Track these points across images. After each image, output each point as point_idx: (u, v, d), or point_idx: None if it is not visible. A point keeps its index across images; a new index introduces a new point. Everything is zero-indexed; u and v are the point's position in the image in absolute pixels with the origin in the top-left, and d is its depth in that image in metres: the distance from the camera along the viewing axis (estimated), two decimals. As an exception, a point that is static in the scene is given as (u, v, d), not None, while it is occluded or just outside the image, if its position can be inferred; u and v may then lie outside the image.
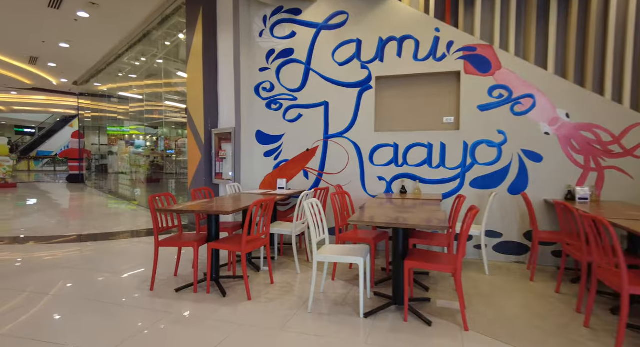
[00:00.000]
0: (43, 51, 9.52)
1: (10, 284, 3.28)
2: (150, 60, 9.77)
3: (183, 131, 11.70)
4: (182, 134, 11.54)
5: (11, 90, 15.49)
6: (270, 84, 4.96)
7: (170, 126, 10.75)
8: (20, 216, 6.99)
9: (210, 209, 2.97)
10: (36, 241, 4.95)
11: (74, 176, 14.39)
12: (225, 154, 5.46)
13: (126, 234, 5.47)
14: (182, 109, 10.08)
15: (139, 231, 5.67)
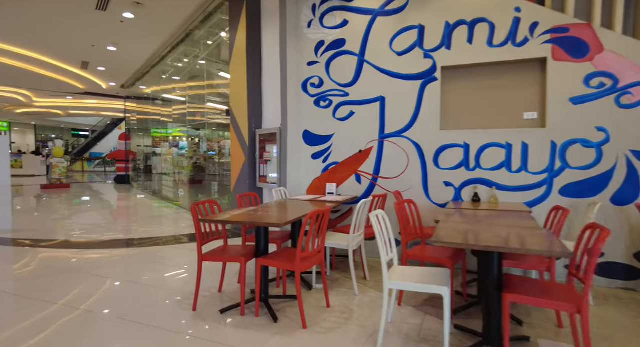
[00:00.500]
0: (93, 55, 9.74)
1: (42, 294, 3.07)
2: (192, 61, 9.72)
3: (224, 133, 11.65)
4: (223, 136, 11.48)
5: (67, 95, 16.30)
6: (319, 79, 4.52)
7: (211, 128, 10.69)
8: (69, 216, 7.07)
9: (259, 221, 2.56)
10: (78, 244, 4.84)
11: (121, 177, 14.84)
12: (270, 156, 5.10)
13: (169, 239, 5.25)
14: (223, 111, 9.96)
15: (181, 236, 5.45)
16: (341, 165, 4.45)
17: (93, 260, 4.14)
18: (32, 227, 5.99)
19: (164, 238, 5.30)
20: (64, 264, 3.96)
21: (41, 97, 16.83)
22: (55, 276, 3.57)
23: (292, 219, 2.63)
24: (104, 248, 4.67)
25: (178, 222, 6.62)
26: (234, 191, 5.85)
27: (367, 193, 4.32)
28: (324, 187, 4.54)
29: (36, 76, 11.62)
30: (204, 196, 8.21)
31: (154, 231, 5.76)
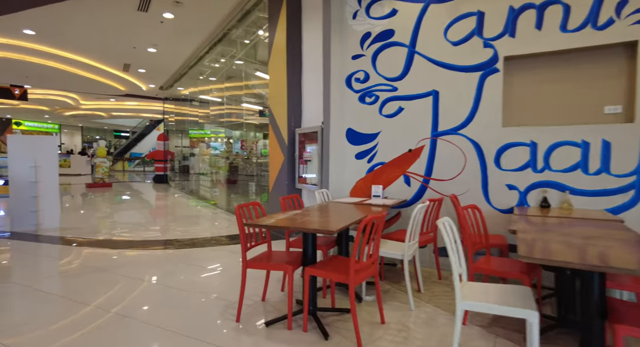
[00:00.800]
0: (134, 57, 9.96)
1: (76, 294, 2.99)
2: (228, 61, 9.71)
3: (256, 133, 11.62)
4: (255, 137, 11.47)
5: (110, 98, 16.97)
6: (365, 73, 4.23)
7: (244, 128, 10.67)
8: (110, 215, 7.20)
9: (310, 227, 2.31)
10: (117, 244, 4.83)
11: (159, 177, 15.21)
12: (311, 156, 4.86)
13: (206, 239, 5.15)
14: (256, 111, 9.90)
15: (219, 237, 5.33)
16: (388, 166, 4.14)
17: (131, 261, 4.08)
18: (75, 225, 6.11)
19: (201, 239, 5.20)
20: (101, 264, 3.91)
21: (87, 100, 17.63)
22: (92, 277, 3.51)
23: (345, 225, 2.37)
24: (142, 249, 4.62)
25: (215, 222, 6.55)
26: (272, 191, 5.67)
27: (417, 196, 3.98)
28: (368, 189, 4.24)
29: (82, 79, 12.10)
30: (241, 196, 8.14)
31: (191, 231, 5.69)
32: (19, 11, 6.69)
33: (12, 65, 10.51)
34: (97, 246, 4.73)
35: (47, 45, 9.02)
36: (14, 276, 3.56)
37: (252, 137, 11.88)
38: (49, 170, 5.73)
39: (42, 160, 5.65)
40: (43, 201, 5.67)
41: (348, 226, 2.43)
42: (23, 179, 5.51)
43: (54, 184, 5.77)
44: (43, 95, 15.75)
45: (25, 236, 5.28)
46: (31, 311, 2.77)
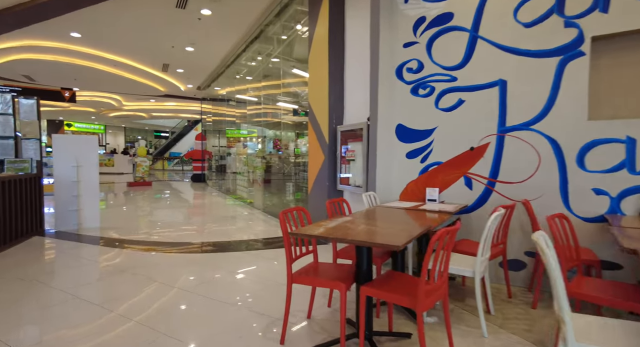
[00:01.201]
0: (173, 57, 10.03)
1: (102, 299, 2.79)
2: (265, 60, 9.54)
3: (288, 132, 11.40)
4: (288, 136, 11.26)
5: (150, 98, 17.45)
6: (418, 62, 3.79)
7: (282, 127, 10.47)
8: (148, 213, 7.19)
9: (371, 240, 1.94)
10: (153, 245, 4.69)
11: (197, 176, 15.41)
12: (354, 156, 4.49)
13: (244, 243, 4.91)
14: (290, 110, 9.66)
15: (256, 241, 5.08)
16: (445, 166, 3.68)
17: (164, 264, 3.89)
18: (114, 224, 6.10)
19: (238, 242, 4.97)
20: (134, 268, 3.75)
21: (129, 101, 18.25)
22: (122, 280, 3.33)
23: (411, 238, 1.97)
24: (177, 251, 4.45)
25: (252, 223, 6.33)
26: (312, 193, 5.35)
27: (480, 201, 3.49)
28: (421, 192, 3.80)
29: (124, 80, 12.42)
30: (277, 196, 7.91)
31: (228, 233, 5.49)
32: (65, 13, 6.81)
33: (61, 69, 10.93)
34: (133, 247, 4.61)
35: (92, 47, 9.25)
36: (49, 279, 3.46)
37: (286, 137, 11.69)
38: (89, 170, 5.73)
39: (83, 160, 5.66)
40: (84, 200, 5.68)
41: (418, 236, 2.04)
42: (66, 179, 5.54)
43: (94, 183, 5.77)
44: (89, 97, 16.44)
45: (68, 235, 5.29)
46: (55, 315, 2.61)
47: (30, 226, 5.11)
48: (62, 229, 5.54)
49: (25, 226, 4.97)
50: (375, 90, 3.94)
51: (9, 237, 4.60)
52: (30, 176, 5.15)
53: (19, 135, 5.28)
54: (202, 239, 5.20)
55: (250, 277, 3.52)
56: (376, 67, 3.92)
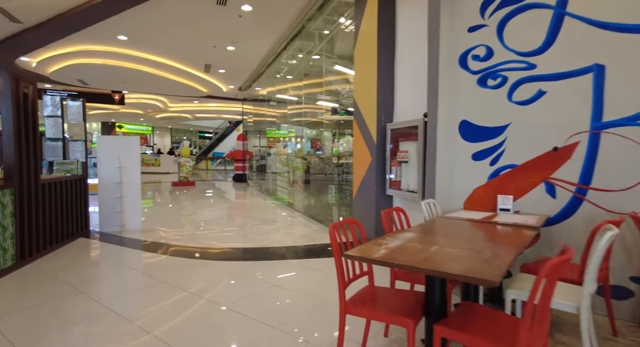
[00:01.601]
0: (214, 57, 10.01)
1: (126, 311, 2.53)
2: (305, 57, 9.25)
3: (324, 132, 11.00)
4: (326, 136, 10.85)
5: (194, 100, 17.85)
6: (487, 48, 3.24)
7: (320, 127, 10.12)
8: (189, 214, 7.13)
9: (455, 270, 1.49)
10: (191, 252, 4.49)
11: (239, 176, 15.49)
12: (407, 156, 4.00)
13: (287, 250, 4.59)
14: (329, 109, 9.28)
15: (298, 248, 4.74)
16: (521, 170, 3.11)
17: (201, 274, 3.64)
18: (155, 226, 6.04)
19: (280, 249, 4.66)
20: (170, 277, 3.53)
21: (174, 103, 18.80)
22: (154, 291, 3.10)
23: (506, 268, 1.50)
24: (215, 258, 4.20)
25: (293, 227, 6.01)
26: (357, 197, 4.93)
27: (566, 212, 2.89)
28: (490, 200, 3.25)
29: (169, 82, 12.67)
30: (317, 198, 7.56)
31: (269, 237, 5.20)
32: (110, 16, 6.89)
33: (110, 72, 11.33)
34: (171, 253, 4.44)
35: (138, 49, 9.43)
36: (87, 287, 3.32)
37: (325, 136, 11.34)
38: (131, 171, 5.69)
39: (126, 161, 5.63)
40: (126, 201, 5.65)
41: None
42: (109, 180, 5.53)
43: (136, 185, 5.73)
44: (137, 99, 17.09)
45: (110, 237, 5.26)
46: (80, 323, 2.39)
47: (76, 227, 5.13)
48: (105, 231, 5.54)
49: (72, 227, 4.98)
50: (434, 82, 3.45)
51: (58, 238, 4.61)
52: (77, 177, 5.17)
53: (67, 137, 5.33)
54: (243, 243, 4.95)
55: (293, 293, 3.17)
56: (436, 55, 3.42)
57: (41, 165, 6.72)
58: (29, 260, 3.95)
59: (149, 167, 21.41)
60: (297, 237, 5.38)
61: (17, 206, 3.79)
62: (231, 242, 5.07)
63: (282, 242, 5.02)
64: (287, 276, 3.62)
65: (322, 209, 6.83)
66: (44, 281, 3.43)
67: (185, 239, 5.18)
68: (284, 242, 5.06)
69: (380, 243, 1.92)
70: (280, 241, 5.14)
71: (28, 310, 2.79)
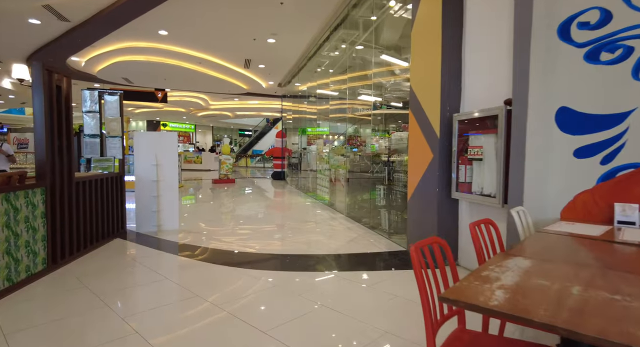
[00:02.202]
0: (254, 51, 9.68)
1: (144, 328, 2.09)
2: (348, 49, 8.66)
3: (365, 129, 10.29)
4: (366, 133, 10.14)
5: (234, 97, 17.84)
6: (601, 11, 2.49)
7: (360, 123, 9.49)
8: (227, 212, 6.81)
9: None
10: (227, 257, 4.08)
11: (277, 173, 15.23)
12: (482, 153, 3.32)
13: (332, 259, 4.06)
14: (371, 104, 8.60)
15: (343, 258, 4.20)
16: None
17: (240, 289, 3.19)
18: (193, 227, 5.75)
19: (324, 258, 4.14)
20: (205, 289, 3.10)
21: (215, 100, 18.92)
22: (188, 308, 2.68)
23: None
24: (252, 266, 3.75)
25: (336, 230, 5.47)
26: (413, 199, 4.29)
27: None
28: (601, 209, 2.51)
29: (210, 78, 12.58)
30: (362, 200, 6.97)
31: (310, 242, 4.70)
32: (150, 9, 6.70)
33: (153, 69, 11.38)
34: (208, 259, 4.06)
35: (178, 45, 9.30)
36: (117, 299, 2.97)
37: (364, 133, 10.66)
38: (169, 169, 5.42)
39: (163, 158, 5.36)
40: (163, 200, 5.39)
41: None
42: (146, 178, 5.29)
43: (173, 183, 5.45)
44: (179, 97, 17.34)
45: (147, 239, 5.01)
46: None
47: (113, 227, 4.92)
48: (142, 231, 5.31)
49: (108, 228, 4.77)
50: (523, 60, 2.75)
51: (94, 238, 4.40)
52: (113, 175, 4.96)
53: (104, 133, 5.14)
54: (283, 247, 4.49)
55: (347, 319, 2.62)
56: (526, 27, 2.72)
57: (79, 162, 6.68)
58: (62, 263, 3.72)
59: (191, 164, 21.84)
60: (343, 242, 4.84)
61: (48, 206, 3.55)
62: (270, 245, 4.62)
63: (327, 248, 4.50)
64: (336, 293, 3.08)
65: (367, 211, 6.23)
66: (73, 289, 3.14)
67: (222, 241, 4.81)
68: (328, 248, 4.54)
69: (487, 278, 1.32)
70: (324, 246, 4.62)
71: (46, 325, 2.46)
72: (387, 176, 5.07)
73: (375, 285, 3.26)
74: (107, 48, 9.30)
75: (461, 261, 3.81)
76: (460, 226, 3.86)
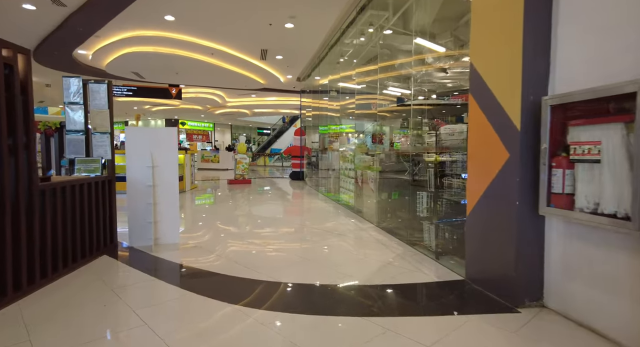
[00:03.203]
0: (271, 38, 8.76)
1: None
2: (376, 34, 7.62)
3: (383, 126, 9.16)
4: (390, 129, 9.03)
5: (251, 94, 17.04)
6: None
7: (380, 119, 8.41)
8: (239, 224, 5.91)
9: None
10: (236, 288, 3.14)
11: (296, 173, 14.33)
12: (599, 151, 2.23)
13: (367, 295, 3.06)
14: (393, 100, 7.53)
15: (377, 293, 3.18)
16: None
17: (248, 341, 2.23)
18: (196, 240, 4.86)
19: (356, 291, 3.14)
20: (209, 340, 2.16)
21: (232, 97, 18.19)
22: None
23: None
24: (273, 307, 2.79)
25: (367, 247, 4.46)
26: (474, 214, 3.22)
27: None
28: None
29: (225, 72, 11.77)
30: (396, 206, 5.92)
31: (335, 266, 3.71)
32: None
33: (163, 61, 10.65)
34: (211, 291, 3.13)
35: (188, 33, 8.49)
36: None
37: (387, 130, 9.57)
38: (167, 171, 4.55)
39: (160, 159, 4.49)
40: (161, 209, 4.52)
41: None
42: (140, 182, 4.43)
43: (173, 188, 4.58)
44: (195, 94, 16.68)
45: (141, 256, 4.15)
46: None
47: (99, 241, 4.09)
48: (136, 245, 4.46)
49: (92, 243, 3.93)
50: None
51: (72, 257, 3.56)
52: (100, 178, 4.12)
53: (90, 129, 4.30)
54: (302, 276, 3.51)
55: None
56: None
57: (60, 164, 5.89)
58: (15, 296, 2.87)
59: (208, 163, 21.27)
60: (377, 264, 3.83)
61: (-4, 222, 2.70)
62: (285, 270, 3.66)
63: (358, 275, 3.50)
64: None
65: (404, 222, 5.19)
66: (19, 337, 2.27)
67: (231, 264, 3.88)
68: (359, 274, 3.54)
69: None
70: (353, 271, 3.62)
71: None
72: (434, 180, 4.02)
73: (436, 346, 2.24)
74: (112, 38, 8.58)
75: (549, 301, 2.75)
76: (548, 252, 2.78)
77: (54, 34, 7.95)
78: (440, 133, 3.94)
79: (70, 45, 8.76)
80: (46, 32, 7.93)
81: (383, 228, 5.57)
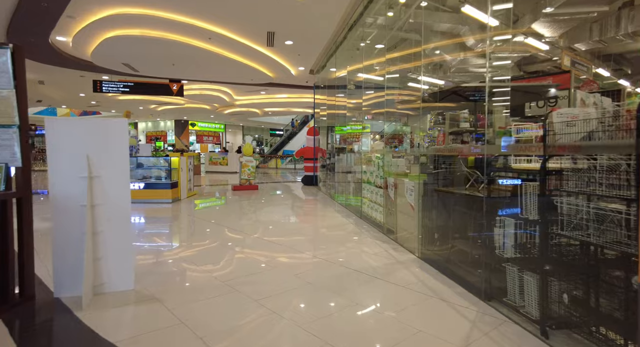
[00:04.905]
0: (278, 19, 7.23)
1: None
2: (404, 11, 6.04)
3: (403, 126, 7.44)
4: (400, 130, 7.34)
5: (261, 90, 15.60)
6: None
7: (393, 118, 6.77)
8: (226, 254, 4.35)
9: None
10: None
11: (308, 178, 12.77)
12: None
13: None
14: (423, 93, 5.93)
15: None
16: None
17: None
18: (162, 284, 3.32)
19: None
20: None
21: (240, 95, 16.79)
22: None
23: None
24: None
25: (411, 299, 2.82)
26: None
27: None
28: None
29: (228, 62, 10.30)
30: (449, 230, 4.24)
31: (362, 336, 2.11)
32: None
33: (155, 50, 9.25)
34: None
35: (178, 11, 7.02)
36: None
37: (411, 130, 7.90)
38: (115, 183, 3.03)
39: (103, 165, 2.97)
40: (105, 240, 3.00)
41: None
42: (70, 201, 2.92)
43: (123, 209, 3.05)
44: (199, 91, 15.31)
45: (59, 323, 2.63)
46: None
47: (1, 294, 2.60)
48: (65, 295, 2.96)
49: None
50: None
51: None
52: (6, 196, 2.63)
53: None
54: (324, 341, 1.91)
55: None
56: None
57: None
58: None
59: (216, 166, 19.98)
60: (433, 337, 2.19)
61: None
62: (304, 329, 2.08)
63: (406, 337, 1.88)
64: None
65: (471, 262, 3.53)
66: None
67: (214, 334, 2.32)
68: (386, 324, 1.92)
69: None
70: (394, 331, 2.00)
71: None
72: (535, 202, 2.36)
73: None
74: (90, 18, 7.19)
75: None
76: None
77: (19, 13, 6.61)
78: (551, 122, 2.28)
79: (43, 28, 7.42)
80: (8, 11, 6.59)
81: (428, 260, 3.92)
